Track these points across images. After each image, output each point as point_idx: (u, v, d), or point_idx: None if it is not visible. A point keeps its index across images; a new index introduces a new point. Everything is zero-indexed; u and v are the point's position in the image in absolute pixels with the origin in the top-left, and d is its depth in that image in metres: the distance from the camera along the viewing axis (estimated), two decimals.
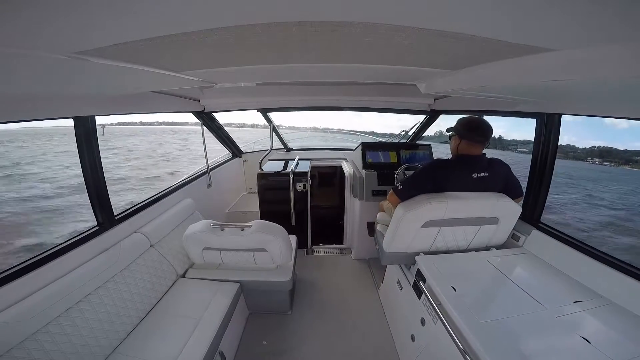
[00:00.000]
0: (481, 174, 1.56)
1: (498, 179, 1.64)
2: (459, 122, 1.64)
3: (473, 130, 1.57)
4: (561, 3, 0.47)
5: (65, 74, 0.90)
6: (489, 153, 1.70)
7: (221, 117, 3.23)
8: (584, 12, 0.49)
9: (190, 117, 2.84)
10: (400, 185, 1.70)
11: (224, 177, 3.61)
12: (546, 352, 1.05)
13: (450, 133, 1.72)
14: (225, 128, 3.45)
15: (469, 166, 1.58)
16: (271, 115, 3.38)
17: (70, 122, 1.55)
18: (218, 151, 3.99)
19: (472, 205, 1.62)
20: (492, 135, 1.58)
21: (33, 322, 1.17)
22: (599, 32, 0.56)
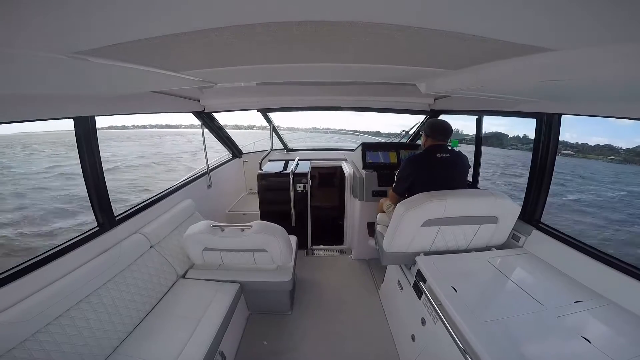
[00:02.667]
0: (444, 155, 1.88)
1: (459, 161, 1.93)
2: (427, 123, 2.03)
3: (435, 130, 1.94)
4: (561, 3, 0.47)
5: (65, 74, 0.90)
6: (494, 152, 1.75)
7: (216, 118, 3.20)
8: (584, 12, 0.49)
9: (184, 119, 2.84)
10: (394, 184, 2.05)
11: (224, 178, 3.61)
12: (547, 352, 1.05)
13: (421, 132, 2.08)
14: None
15: (434, 151, 1.91)
16: (270, 114, 3.38)
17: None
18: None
19: (471, 204, 1.63)
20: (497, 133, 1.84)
21: (34, 322, 1.17)
22: (599, 32, 0.56)
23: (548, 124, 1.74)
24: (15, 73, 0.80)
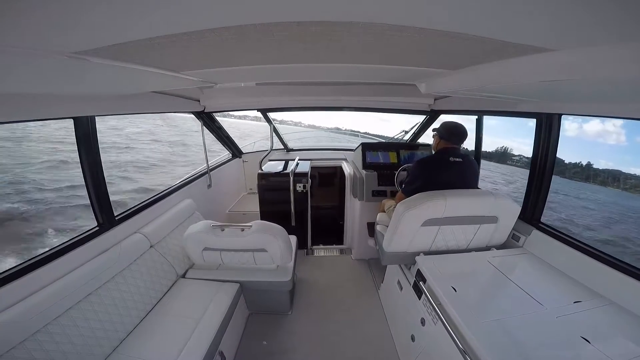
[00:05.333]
0: (457, 159, 1.84)
1: (470, 167, 1.91)
2: (443, 125, 1.94)
3: (451, 133, 1.88)
4: (561, 3, 0.47)
5: (65, 74, 0.90)
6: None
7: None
8: (584, 12, 0.49)
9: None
10: (404, 185, 2.00)
11: (224, 178, 3.60)
12: (546, 353, 1.05)
13: (434, 133, 2.02)
14: (226, 119, 3.44)
15: (447, 154, 1.86)
16: (278, 113, 3.36)
17: None
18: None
19: (471, 204, 1.63)
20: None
21: (33, 322, 1.17)
22: (598, 32, 0.56)
23: (548, 124, 1.74)
24: (15, 73, 0.80)
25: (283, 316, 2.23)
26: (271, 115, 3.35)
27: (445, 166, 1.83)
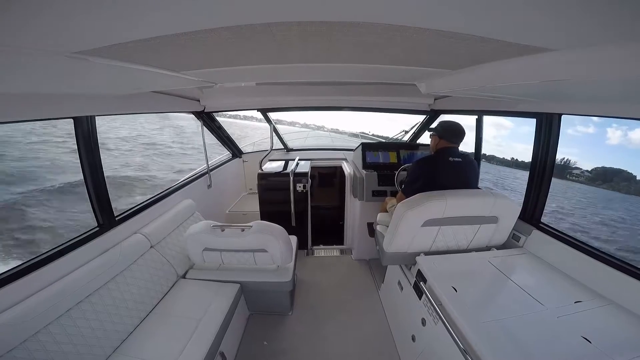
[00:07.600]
0: (456, 159, 1.84)
1: (470, 166, 1.90)
2: (442, 125, 1.93)
3: (449, 132, 1.87)
4: (561, 3, 0.47)
5: (65, 74, 0.90)
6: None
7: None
8: (584, 12, 0.49)
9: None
10: (404, 186, 1.99)
11: (224, 178, 3.61)
12: (547, 352, 1.05)
13: (431, 133, 2.00)
14: (230, 121, 3.45)
15: (446, 154, 1.85)
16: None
17: None
18: None
19: (471, 204, 1.63)
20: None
21: (34, 322, 1.17)
22: (599, 32, 0.56)
23: (548, 124, 1.74)
24: (15, 73, 0.80)
25: (283, 317, 2.23)
26: (293, 117, 3.37)
27: (445, 166, 1.82)
